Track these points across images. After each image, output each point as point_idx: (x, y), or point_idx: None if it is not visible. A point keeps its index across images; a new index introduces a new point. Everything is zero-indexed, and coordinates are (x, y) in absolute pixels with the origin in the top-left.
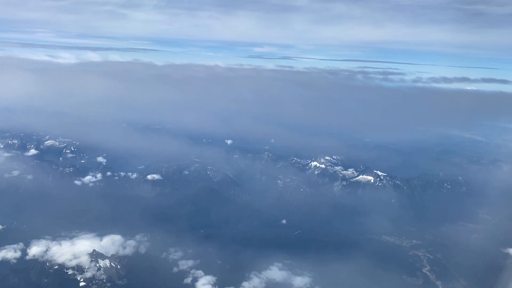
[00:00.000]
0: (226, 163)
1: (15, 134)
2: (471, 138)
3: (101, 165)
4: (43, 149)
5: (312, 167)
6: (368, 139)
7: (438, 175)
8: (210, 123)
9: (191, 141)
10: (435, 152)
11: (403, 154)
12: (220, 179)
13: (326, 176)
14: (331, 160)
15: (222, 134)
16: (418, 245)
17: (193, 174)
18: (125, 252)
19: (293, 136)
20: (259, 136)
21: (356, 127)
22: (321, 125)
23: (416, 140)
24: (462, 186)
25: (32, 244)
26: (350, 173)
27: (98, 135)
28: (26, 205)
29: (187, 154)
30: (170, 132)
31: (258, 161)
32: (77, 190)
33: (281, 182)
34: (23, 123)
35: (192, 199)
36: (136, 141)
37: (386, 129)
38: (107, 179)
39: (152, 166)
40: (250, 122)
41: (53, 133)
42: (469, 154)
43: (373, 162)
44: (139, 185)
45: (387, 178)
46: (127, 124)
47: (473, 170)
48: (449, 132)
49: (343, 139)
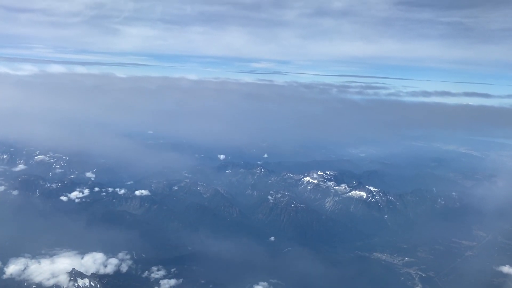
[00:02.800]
0: (217, 178)
1: (5, 149)
2: (466, 153)
3: (89, 180)
4: (32, 164)
5: (305, 183)
6: (363, 154)
7: (432, 190)
8: (203, 137)
9: (183, 156)
10: (429, 167)
11: (397, 169)
12: (211, 194)
13: (319, 191)
14: (323, 175)
15: (215, 148)
16: (411, 263)
17: (183, 190)
18: (106, 271)
19: (286, 151)
20: (252, 151)
21: (347, 142)
22: (313, 139)
23: (410, 155)
24: (456, 202)
25: (10, 262)
26: (343, 188)
27: (89, 150)
28: (8, 221)
29: (178, 169)
30: (163, 147)
31: (250, 176)
32: (62, 206)
33: (272, 198)
34: (13, 138)
35: (180, 216)
36: (127, 156)
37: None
38: (94, 195)
39: (142, 181)
40: (242, 137)
41: (43, 148)
42: (464, 170)
43: (366, 178)
44: (127, 201)
45: (380, 194)
46: (120, 139)
47: (467, 185)
48: (444, 147)
49: (337, 154)
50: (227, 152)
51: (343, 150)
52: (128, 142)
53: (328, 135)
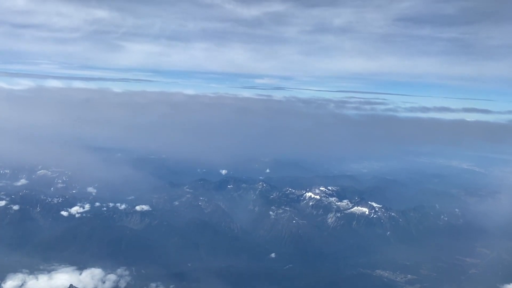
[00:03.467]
0: (219, 193)
1: (8, 163)
2: (469, 170)
3: (90, 195)
4: (34, 179)
5: (307, 198)
6: (365, 170)
7: (435, 207)
8: (205, 152)
9: (185, 171)
10: (432, 183)
11: (399, 185)
12: (212, 210)
13: (321, 207)
14: (326, 191)
15: (217, 163)
16: (413, 280)
17: (184, 205)
18: (104, 287)
19: (288, 166)
20: (254, 166)
21: (349, 157)
22: (314, 154)
23: (413, 170)
24: (459, 218)
25: (7, 278)
26: (345, 204)
27: (91, 165)
28: (8, 236)
29: (179, 185)
30: (165, 162)
31: (252, 191)
32: (62, 221)
33: (274, 213)
34: (16, 152)
35: (181, 231)
36: (129, 171)
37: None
38: (95, 210)
39: (143, 196)
40: (245, 152)
41: (46, 163)
42: (467, 186)
43: (368, 193)
44: (127, 216)
45: (382, 210)
46: (122, 154)
47: (471, 202)
48: (447, 163)
49: (339, 169)
50: (229, 167)
51: (346, 165)
52: (128, 157)
53: (329, 150)
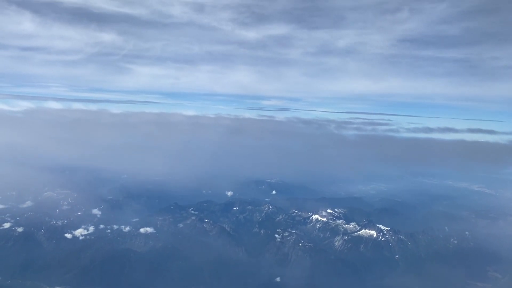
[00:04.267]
0: (224, 216)
1: (14, 185)
2: (479, 191)
3: (95, 217)
4: (40, 201)
5: (314, 221)
6: (373, 191)
7: (444, 229)
8: (211, 174)
9: (190, 192)
10: (441, 205)
11: (408, 207)
12: (216, 232)
13: (328, 230)
14: (333, 213)
15: (223, 185)
16: None
17: (189, 227)
18: None
19: (295, 188)
20: (260, 188)
21: (355, 178)
22: (321, 176)
23: (422, 192)
24: (469, 241)
25: None
26: (352, 227)
27: (97, 187)
28: (12, 259)
29: (184, 207)
30: (171, 183)
31: (257, 213)
32: (67, 243)
33: (279, 236)
34: (23, 175)
35: (185, 254)
36: (135, 193)
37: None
38: (99, 232)
39: (148, 218)
40: (250, 173)
41: (52, 185)
42: (477, 208)
43: (376, 216)
44: (131, 238)
45: (391, 233)
46: (128, 176)
47: (481, 224)
48: (456, 184)
49: (347, 191)
50: (235, 188)
51: (353, 187)
52: (133, 179)
53: (336, 172)
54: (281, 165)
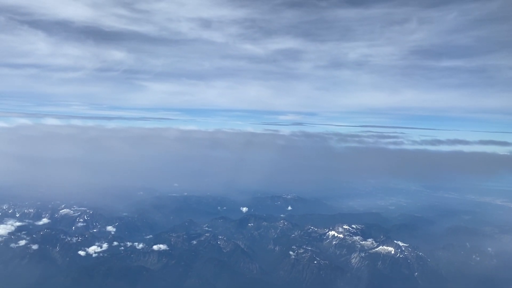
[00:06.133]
0: (238, 232)
1: (32, 203)
2: (503, 206)
3: (109, 234)
4: (57, 218)
5: (330, 237)
6: (392, 207)
7: (465, 246)
8: (227, 190)
9: (205, 208)
10: (462, 220)
11: (428, 222)
12: (231, 249)
13: (344, 247)
14: (349, 229)
15: (238, 201)
16: None
17: (203, 244)
18: None
19: (311, 203)
20: (276, 203)
21: (373, 193)
22: (337, 190)
23: (442, 207)
24: (492, 258)
25: None
26: (370, 243)
27: (113, 203)
28: (25, 277)
29: (199, 223)
30: (187, 200)
31: (272, 230)
32: (80, 261)
33: (294, 253)
34: (41, 192)
35: (198, 272)
36: (150, 210)
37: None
38: (113, 249)
39: (161, 235)
40: (266, 188)
41: (69, 202)
42: (501, 223)
43: (394, 232)
44: (145, 256)
45: (409, 249)
46: (144, 192)
47: (505, 240)
48: (478, 199)
49: (364, 206)
50: (250, 204)
51: (371, 202)
52: (150, 195)
53: (353, 187)
54: (298, 180)
